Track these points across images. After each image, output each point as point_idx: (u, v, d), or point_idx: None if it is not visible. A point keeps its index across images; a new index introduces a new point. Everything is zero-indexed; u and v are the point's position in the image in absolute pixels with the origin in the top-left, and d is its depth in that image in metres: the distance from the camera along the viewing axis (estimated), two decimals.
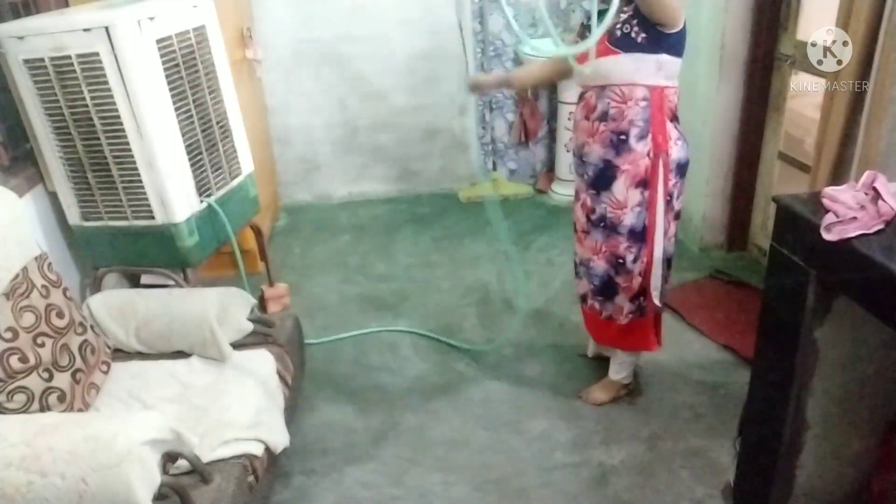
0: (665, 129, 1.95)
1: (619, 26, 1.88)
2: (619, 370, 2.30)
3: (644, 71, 1.89)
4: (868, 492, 1.75)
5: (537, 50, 3.47)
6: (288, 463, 2.09)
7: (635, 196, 2.00)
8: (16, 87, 2.04)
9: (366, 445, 2.21)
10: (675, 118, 1.98)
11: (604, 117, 1.98)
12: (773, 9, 2.76)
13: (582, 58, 1.98)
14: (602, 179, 2.02)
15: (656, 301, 2.13)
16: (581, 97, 2.10)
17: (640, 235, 2.04)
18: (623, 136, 1.95)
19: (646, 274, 2.09)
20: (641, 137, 1.94)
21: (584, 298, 2.27)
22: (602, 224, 2.07)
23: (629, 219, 2.02)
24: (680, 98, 2.01)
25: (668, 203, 2.02)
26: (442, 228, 3.70)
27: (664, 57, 1.88)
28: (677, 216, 2.09)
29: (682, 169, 2.02)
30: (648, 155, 1.95)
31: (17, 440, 1.35)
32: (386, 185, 4.15)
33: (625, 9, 1.87)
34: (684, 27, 1.88)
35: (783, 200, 1.51)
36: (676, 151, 1.98)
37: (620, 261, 2.08)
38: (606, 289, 2.15)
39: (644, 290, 2.11)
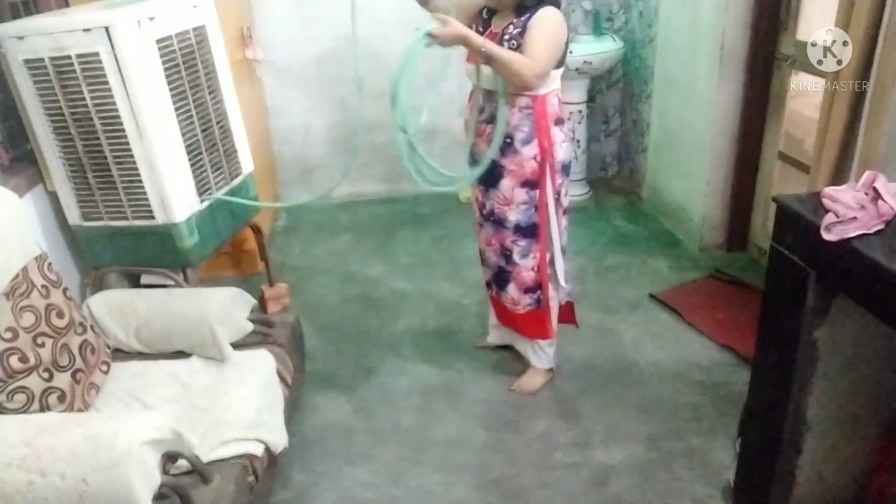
0: (550, 134, 2.07)
1: (506, 38, 1.99)
2: (538, 359, 2.40)
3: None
4: (868, 492, 1.74)
5: None
6: (288, 463, 2.09)
7: (521, 195, 2.13)
8: (16, 87, 2.04)
9: (366, 445, 2.21)
10: (559, 121, 2.11)
11: (491, 120, 2.08)
12: (773, 9, 2.76)
13: (470, 57, 2.07)
14: (490, 177, 2.14)
15: (563, 284, 2.29)
16: (471, 96, 2.20)
17: (529, 232, 2.18)
18: (509, 140, 2.07)
19: (541, 269, 2.23)
20: (527, 142, 2.07)
21: (487, 284, 2.43)
22: (491, 218, 2.22)
23: (514, 215, 2.16)
24: (561, 102, 2.13)
25: (557, 201, 2.16)
26: (442, 228, 3.70)
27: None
28: (566, 211, 2.24)
29: (567, 169, 2.17)
30: (535, 158, 2.08)
31: (18, 440, 1.35)
32: (386, 185, 4.15)
33: (514, 21, 1.99)
34: (565, 45, 2.02)
35: (783, 200, 1.51)
36: (562, 154, 2.11)
37: (508, 253, 2.23)
38: (499, 278, 2.31)
39: (540, 285, 2.25)
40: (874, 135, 1.91)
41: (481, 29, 2.11)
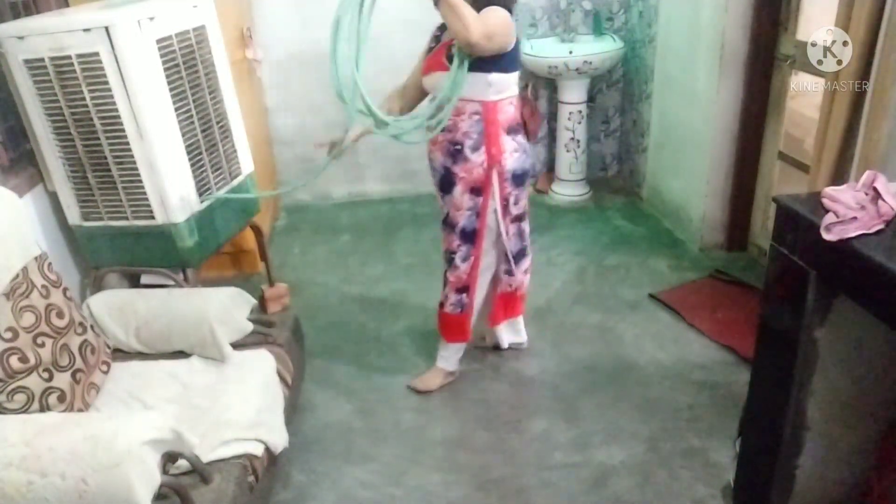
0: (499, 142, 2.09)
1: (454, 46, 1.96)
2: (443, 359, 2.44)
3: (475, 88, 2.01)
4: (868, 492, 1.74)
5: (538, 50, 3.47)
6: (288, 463, 2.09)
7: (468, 201, 2.17)
8: (16, 87, 2.04)
9: (366, 445, 2.21)
10: (512, 130, 2.12)
11: (442, 129, 2.10)
12: (773, 9, 2.76)
13: (433, 67, 2.10)
14: (444, 184, 2.20)
15: (481, 295, 2.34)
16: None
17: (470, 237, 2.23)
18: (458, 147, 2.11)
19: (471, 274, 2.29)
20: (475, 149, 2.10)
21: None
22: (445, 222, 2.27)
23: (462, 220, 2.21)
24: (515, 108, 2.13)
25: (506, 208, 2.20)
26: None
27: (494, 76, 2.01)
28: (518, 219, 2.28)
29: (518, 178, 2.18)
30: (482, 165, 2.10)
31: (18, 440, 1.35)
32: (386, 185, 4.15)
33: None
34: (517, 45, 2.02)
35: (783, 200, 1.51)
36: (512, 163, 2.13)
37: (452, 256, 2.28)
38: (444, 279, 2.35)
39: (468, 287, 2.31)
40: (874, 135, 1.91)
41: (434, 44, 2.17)
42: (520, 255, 2.36)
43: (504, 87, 2.05)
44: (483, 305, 2.42)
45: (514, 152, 2.12)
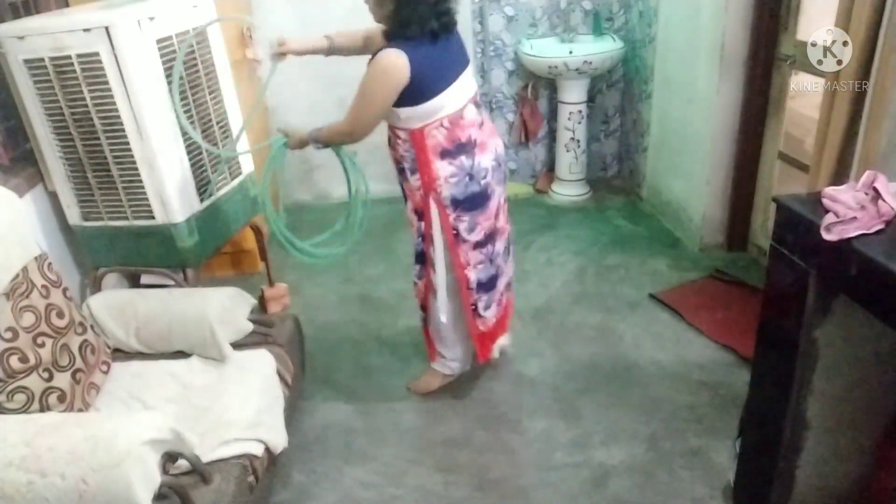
0: (431, 168, 1.99)
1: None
2: (438, 363, 2.41)
3: (393, 118, 1.99)
4: (868, 492, 1.74)
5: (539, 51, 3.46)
6: (288, 463, 2.09)
7: (415, 221, 2.16)
8: (16, 87, 2.04)
9: (366, 445, 2.21)
10: (447, 154, 1.99)
11: (389, 143, 2.11)
12: (773, 9, 2.76)
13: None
14: (403, 195, 2.19)
15: (442, 319, 2.24)
16: None
17: (418, 257, 2.22)
18: (401, 166, 2.09)
19: (425, 295, 2.25)
20: (413, 172, 2.05)
21: None
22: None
23: (413, 238, 2.20)
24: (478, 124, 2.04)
25: (456, 236, 2.08)
26: None
27: (403, 110, 1.93)
28: (479, 245, 2.12)
29: (461, 204, 2.04)
30: (419, 190, 2.06)
31: (18, 440, 1.35)
32: (386, 185, 4.15)
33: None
34: (417, 79, 1.87)
35: (783, 200, 1.51)
36: (449, 189, 2.01)
37: (413, 272, 2.28)
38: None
39: (424, 307, 2.30)
40: (874, 135, 1.91)
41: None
42: (489, 285, 2.21)
43: (421, 118, 1.94)
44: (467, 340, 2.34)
45: (451, 178, 1.99)
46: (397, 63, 1.84)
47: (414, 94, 1.90)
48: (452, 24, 1.94)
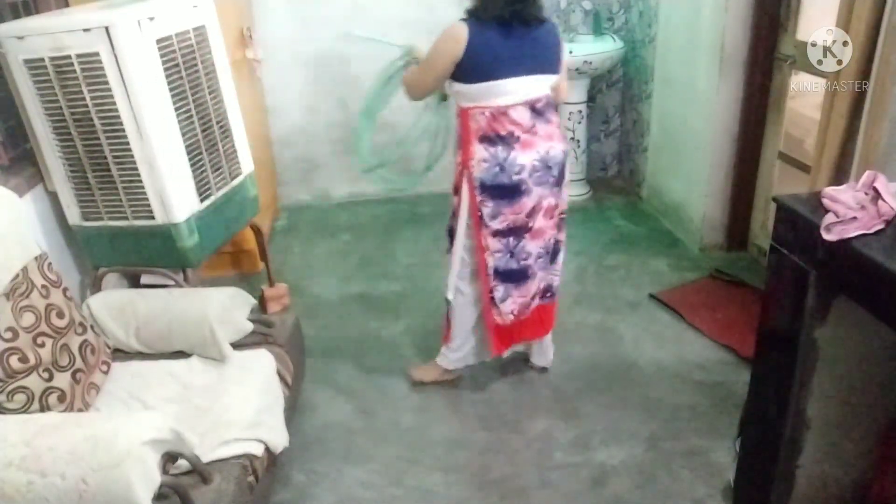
0: (469, 148, 2.09)
1: None
2: (441, 355, 2.42)
3: (448, 89, 2.14)
4: (868, 492, 1.75)
5: None
6: (288, 463, 2.09)
7: (452, 196, 2.24)
8: (16, 87, 2.03)
9: (366, 445, 2.21)
10: (486, 139, 2.06)
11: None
12: (773, 9, 2.76)
13: None
14: None
15: (448, 296, 2.31)
16: None
17: (450, 233, 2.30)
18: (456, 139, 2.18)
19: (451, 269, 2.29)
20: (458, 147, 2.15)
21: None
22: None
23: (449, 212, 2.31)
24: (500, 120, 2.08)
25: (481, 218, 2.14)
26: (442, 228, 3.67)
27: (455, 85, 2.07)
28: (500, 234, 2.16)
29: (488, 190, 2.10)
30: (459, 164, 2.16)
31: (17, 440, 1.35)
32: (386, 185, 4.15)
33: None
34: (470, 56, 1.97)
35: (783, 200, 1.51)
36: (479, 171, 2.09)
37: (443, 247, 2.39)
38: None
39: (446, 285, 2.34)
40: (874, 135, 1.91)
41: None
42: (510, 276, 2.22)
43: (469, 98, 2.05)
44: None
45: (483, 162, 2.07)
46: (457, 34, 1.97)
47: (465, 71, 2.00)
48: (528, 16, 1.99)
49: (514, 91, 2.01)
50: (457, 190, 2.18)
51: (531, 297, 2.28)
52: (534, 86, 2.04)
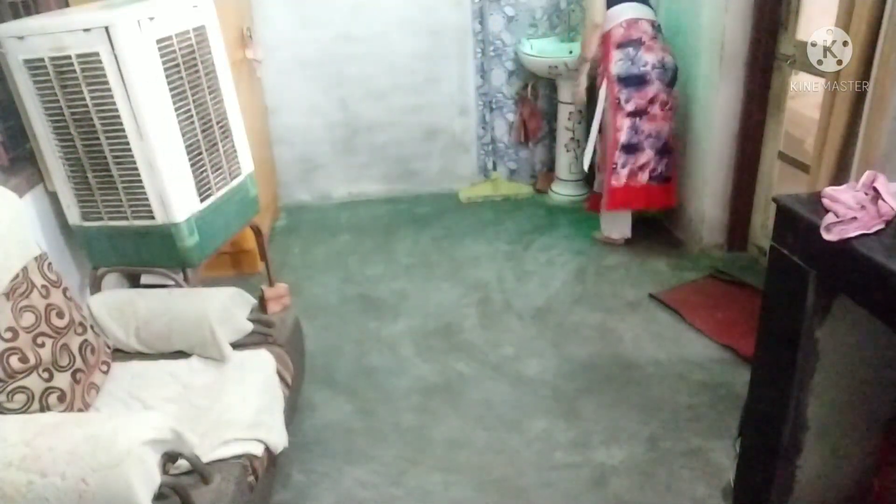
0: (609, 55, 3.00)
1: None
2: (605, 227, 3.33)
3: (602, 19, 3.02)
4: (869, 492, 1.75)
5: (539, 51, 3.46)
6: (288, 463, 2.09)
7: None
8: (16, 87, 2.04)
9: (366, 445, 2.21)
10: (622, 45, 2.97)
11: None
12: (773, 9, 2.76)
13: None
14: None
15: (588, 154, 3.25)
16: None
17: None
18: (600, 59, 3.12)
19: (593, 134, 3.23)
20: (599, 61, 3.10)
21: None
22: None
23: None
24: (632, 29, 2.96)
25: (617, 104, 3.01)
26: (442, 228, 3.70)
27: (609, 10, 2.99)
28: (632, 115, 3.03)
29: (623, 80, 2.98)
30: (601, 70, 3.09)
31: (17, 440, 1.35)
32: (386, 185, 4.15)
33: None
34: None
35: (783, 200, 1.51)
36: (615, 68, 2.98)
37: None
38: None
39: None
40: (874, 135, 1.91)
41: None
42: (630, 149, 3.06)
43: (610, 19, 2.97)
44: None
45: (619, 60, 2.95)
46: None
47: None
48: None
49: (633, 11, 2.97)
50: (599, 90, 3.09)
51: (640, 166, 3.10)
52: (643, 10, 2.99)
